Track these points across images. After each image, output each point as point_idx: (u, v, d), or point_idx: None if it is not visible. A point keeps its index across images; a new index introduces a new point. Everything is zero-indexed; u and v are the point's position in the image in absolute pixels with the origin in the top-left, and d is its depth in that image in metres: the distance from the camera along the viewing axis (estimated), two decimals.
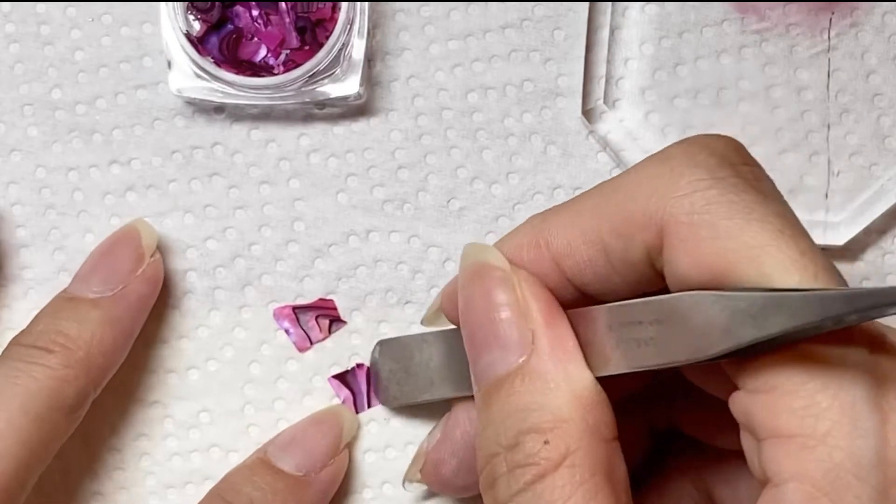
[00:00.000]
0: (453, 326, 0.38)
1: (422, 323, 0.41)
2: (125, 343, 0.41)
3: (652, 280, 0.33)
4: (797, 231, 0.30)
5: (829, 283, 0.29)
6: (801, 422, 0.29)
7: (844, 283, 0.31)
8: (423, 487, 0.41)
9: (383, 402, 0.43)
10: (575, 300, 0.34)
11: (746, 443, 0.31)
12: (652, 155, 0.33)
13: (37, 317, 0.40)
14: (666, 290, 0.32)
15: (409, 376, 0.41)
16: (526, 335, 0.33)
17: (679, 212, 0.31)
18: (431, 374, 0.40)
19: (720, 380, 0.32)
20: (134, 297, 0.41)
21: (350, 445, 0.43)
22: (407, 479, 0.41)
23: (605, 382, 0.33)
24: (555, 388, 0.32)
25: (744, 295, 0.29)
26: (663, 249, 0.32)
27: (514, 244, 0.35)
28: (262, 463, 0.41)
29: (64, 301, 0.40)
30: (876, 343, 0.29)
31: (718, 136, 0.33)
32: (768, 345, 0.29)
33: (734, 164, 0.32)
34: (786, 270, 0.29)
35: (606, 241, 0.33)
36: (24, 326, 0.41)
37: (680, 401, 0.37)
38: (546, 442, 0.31)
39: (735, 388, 0.31)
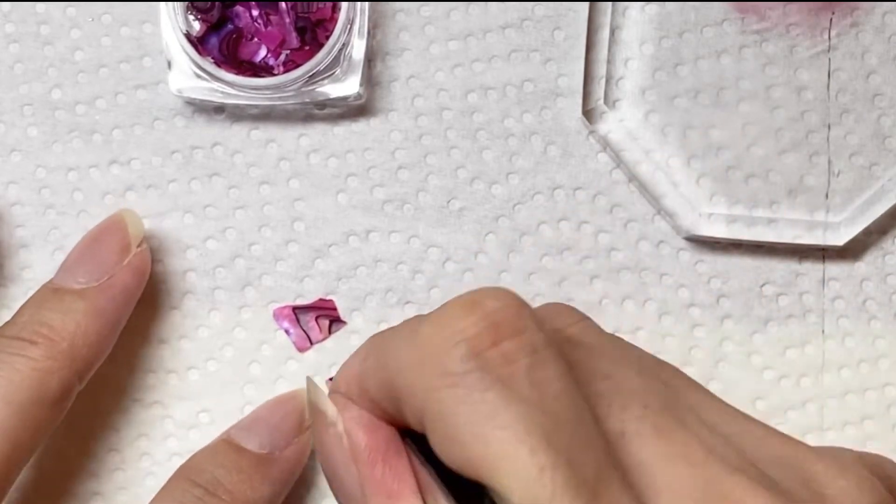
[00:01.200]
0: None
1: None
2: (111, 334, 0.40)
3: None
4: (540, 437, 0.28)
5: (567, 503, 0.28)
6: None
7: (594, 495, 0.28)
8: None
9: None
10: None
11: None
12: (410, 327, 0.31)
13: (21, 308, 0.40)
14: None
15: None
16: (357, 485, 0.32)
17: (429, 410, 0.29)
18: None
19: None
20: (120, 288, 0.40)
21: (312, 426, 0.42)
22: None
23: None
24: None
25: None
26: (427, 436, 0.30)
27: (353, 373, 0.33)
28: (225, 443, 0.41)
29: (49, 292, 0.40)
30: None
31: (474, 305, 0.30)
32: None
33: (482, 350, 0.29)
34: (525, 488, 0.28)
35: (396, 408, 0.32)
36: None
37: None
38: None
39: None
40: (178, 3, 0.42)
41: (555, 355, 0.30)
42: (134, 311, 0.43)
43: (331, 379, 0.43)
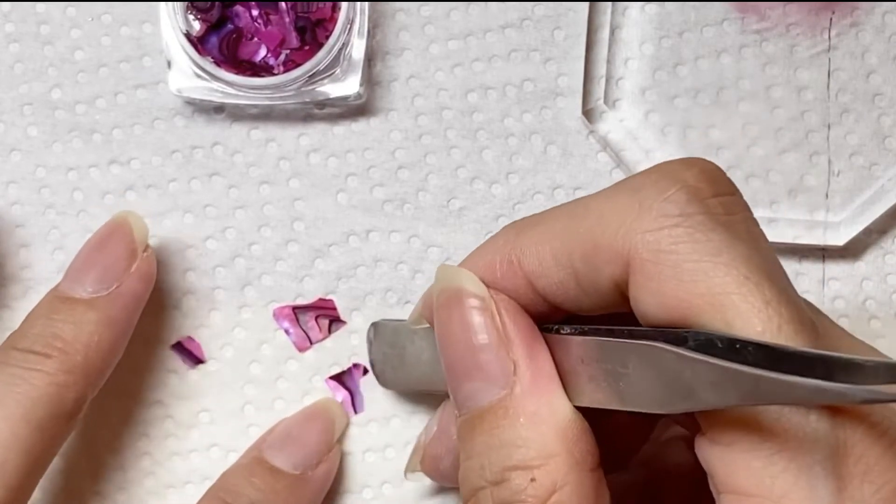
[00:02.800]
0: None
1: (407, 324, 0.41)
2: (122, 343, 0.40)
3: (623, 304, 0.32)
4: (763, 277, 0.29)
5: (793, 336, 0.29)
6: (759, 483, 0.28)
7: (813, 331, 0.30)
8: (424, 478, 0.41)
9: (381, 384, 0.42)
10: (550, 313, 0.34)
11: (713, 490, 0.30)
12: (623, 182, 0.33)
13: (30, 317, 0.40)
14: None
15: (404, 364, 0.41)
16: (507, 366, 0.32)
17: (644, 249, 0.30)
18: (423, 367, 0.39)
19: None
20: (129, 296, 0.40)
21: (341, 440, 0.43)
22: (408, 469, 0.41)
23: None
24: (539, 422, 0.31)
25: (704, 363, 0.28)
26: (629, 285, 0.31)
27: (487, 260, 0.34)
28: (258, 462, 0.41)
29: (58, 301, 0.39)
30: (839, 409, 0.29)
31: (691, 163, 0.32)
32: None
33: (704, 198, 0.31)
34: (748, 321, 0.29)
35: (576, 267, 0.32)
36: None
37: None
38: (533, 479, 0.31)
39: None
40: (178, 2, 0.42)
41: (755, 218, 0.32)
42: None
43: (331, 378, 0.43)
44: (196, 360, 0.43)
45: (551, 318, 0.34)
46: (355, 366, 0.43)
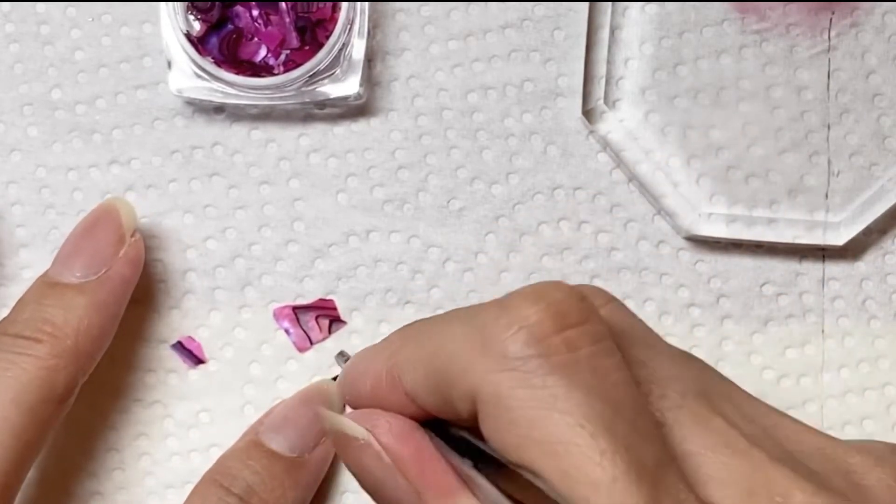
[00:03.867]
0: None
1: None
2: (112, 327, 0.40)
3: None
4: (600, 425, 0.28)
5: (629, 487, 0.28)
6: None
7: (653, 480, 0.29)
8: None
9: None
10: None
11: None
12: (470, 312, 0.31)
13: (20, 304, 0.40)
14: None
15: None
16: (411, 495, 0.32)
17: (485, 393, 0.29)
18: None
19: None
20: (118, 280, 0.40)
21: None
22: None
23: None
24: None
25: None
26: (479, 423, 0.30)
27: (375, 372, 0.33)
28: (255, 445, 0.41)
29: (47, 286, 0.40)
30: None
31: (538, 296, 0.30)
32: None
33: (544, 337, 0.29)
34: (583, 471, 0.28)
35: (441, 394, 0.31)
36: None
37: None
38: None
39: None
40: (178, 3, 0.42)
41: (614, 346, 0.30)
42: (134, 310, 0.43)
43: (333, 379, 0.43)
44: (196, 360, 0.43)
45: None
46: None
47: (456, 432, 0.32)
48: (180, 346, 0.43)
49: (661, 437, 0.29)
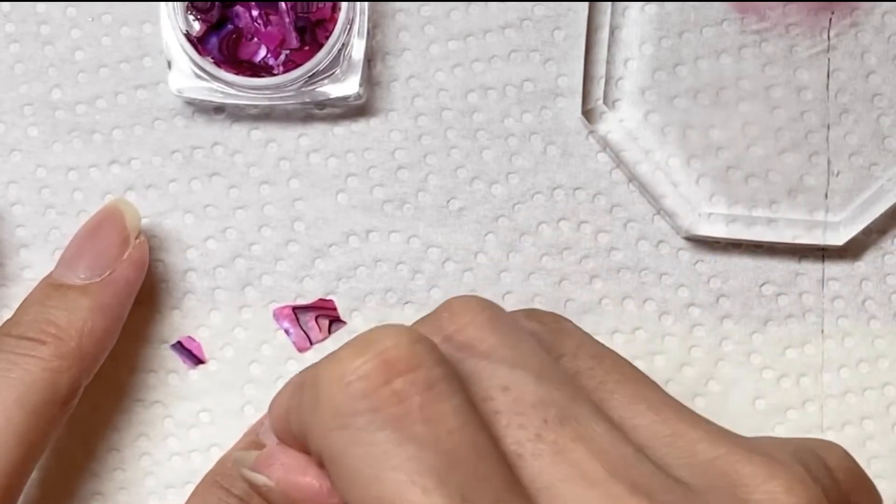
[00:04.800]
0: None
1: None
2: (115, 329, 0.40)
3: None
4: (433, 479, 0.27)
5: None
6: None
7: None
8: None
9: None
10: None
11: None
12: (309, 369, 0.31)
13: (24, 305, 0.40)
14: None
15: None
16: None
17: (325, 450, 0.29)
18: None
19: None
20: (122, 283, 0.40)
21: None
22: None
23: None
24: None
25: None
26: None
27: (282, 412, 0.33)
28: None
29: (51, 288, 0.40)
30: None
31: (364, 347, 0.29)
32: None
33: (374, 390, 0.28)
34: None
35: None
36: None
37: None
38: None
39: None
40: (178, 3, 0.42)
41: (452, 389, 0.29)
42: (135, 311, 0.43)
43: None
44: (196, 360, 0.43)
45: None
46: None
47: None
48: (180, 347, 0.43)
49: (506, 476, 0.28)
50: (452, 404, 0.28)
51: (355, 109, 0.44)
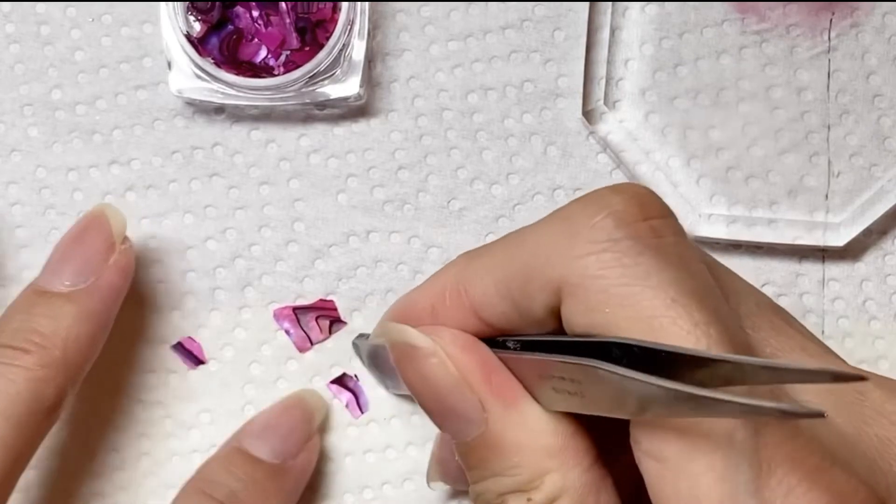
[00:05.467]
0: None
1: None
2: (101, 336, 0.39)
3: (559, 329, 0.33)
4: (692, 299, 0.29)
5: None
6: (685, 500, 0.29)
7: (745, 351, 0.30)
8: (447, 486, 0.41)
9: (385, 389, 0.43)
10: (495, 336, 0.34)
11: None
12: (555, 211, 0.33)
13: (8, 313, 0.39)
14: None
15: (390, 377, 0.41)
16: (475, 405, 0.33)
17: (574, 275, 0.30)
18: None
19: None
20: (107, 289, 0.39)
21: (321, 429, 0.43)
22: (429, 479, 0.41)
23: None
24: (522, 448, 0.32)
25: (650, 385, 0.28)
26: (561, 310, 0.31)
27: (438, 289, 0.35)
28: (238, 452, 0.40)
29: (36, 295, 0.39)
30: (764, 430, 0.29)
31: (622, 189, 0.32)
32: None
33: (632, 222, 0.31)
34: (677, 341, 0.29)
35: (514, 298, 0.33)
36: None
37: None
38: (529, 500, 0.31)
39: None
40: (179, 3, 0.41)
41: (692, 242, 0.32)
42: (135, 311, 0.43)
43: (332, 382, 0.43)
44: (196, 360, 0.43)
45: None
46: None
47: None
48: (181, 347, 0.43)
49: (742, 327, 0.31)
50: (697, 253, 0.32)
51: (355, 110, 0.44)
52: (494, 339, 0.34)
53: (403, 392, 0.42)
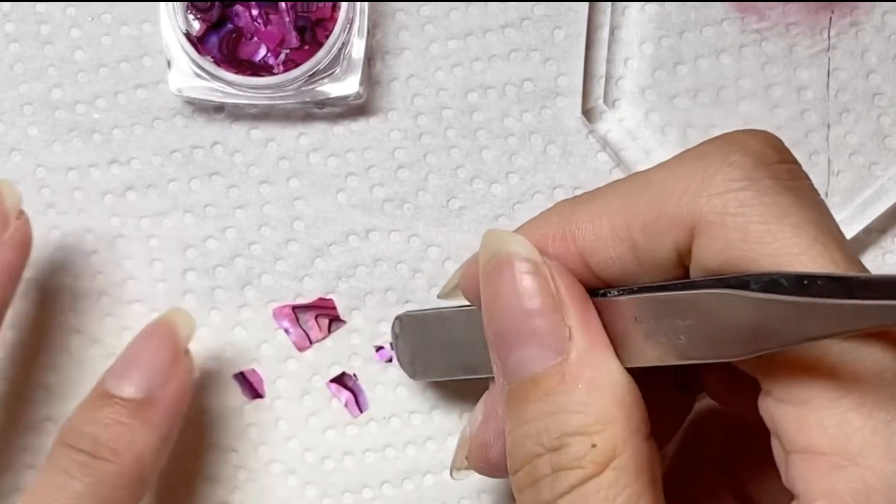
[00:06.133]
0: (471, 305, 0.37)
1: (438, 297, 0.40)
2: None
3: (679, 277, 0.32)
4: (832, 239, 0.29)
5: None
6: (833, 440, 0.28)
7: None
8: (472, 475, 0.39)
9: (411, 377, 0.42)
10: (598, 288, 0.33)
11: (776, 450, 0.30)
12: (686, 151, 0.32)
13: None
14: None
15: (436, 352, 0.40)
16: (563, 331, 0.31)
17: (711, 212, 0.30)
18: (457, 352, 0.39)
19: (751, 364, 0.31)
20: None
21: (189, 352, 0.41)
22: (454, 467, 0.40)
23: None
24: (597, 388, 0.31)
25: (774, 301, 0.28)
26: (692, 249, 0.31)
27: (540, 234, 0.34)
28: (101, 395, 0.39)
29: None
30: None
31: (756, 132, 0.32)
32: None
33: (770, 163, 0.31)
34: None
35: (636, 238, 0.32)
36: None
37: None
38: (594, 445, 0.30)
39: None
40: (178, 2, 0.42)
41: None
42: (134, 310, 0.43)
43: (331, 381, 0.43)
44: (255, 393, 0.43)
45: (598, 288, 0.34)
46: (378, 349, 0.43)
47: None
48: (242, 378, 0.43)
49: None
50: (823, 200, 0.31)
51: (355, 109, 0.44)
52: (594, 290, 0.33)
53: (433, 378, 0.41)
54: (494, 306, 0.33)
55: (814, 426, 0.28)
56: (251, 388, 0.43)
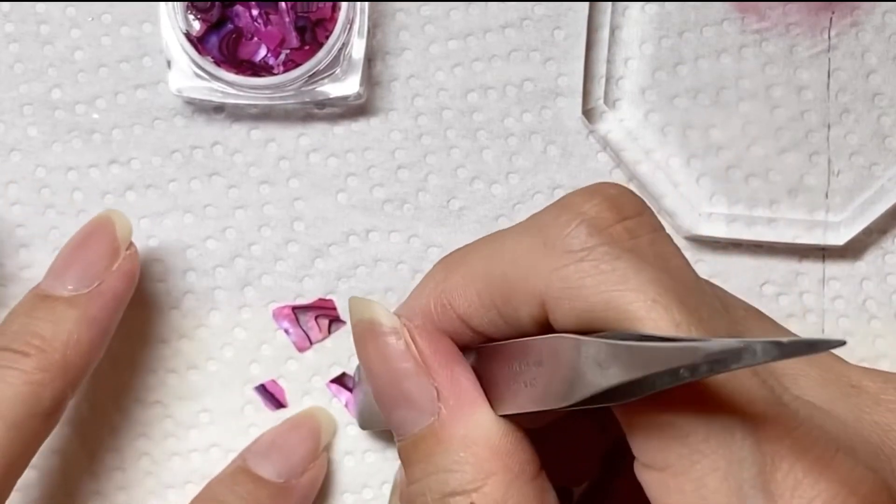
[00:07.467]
0: None
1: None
2: (102, 342, 0.39)
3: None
4: (672, 298, 0.29)
5: None
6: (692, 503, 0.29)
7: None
8: None
9: (360, 426, 0.42)
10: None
11: None
12: (529, 220, 0.33)
13: (10, 316, 0.39)
14: None
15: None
16: (430, 392, 0.32)
17: (555, 288, 0.30)
18: None
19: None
20: (110, 295, 0.39)
21: (328, 448, 0.43)
22: None
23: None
24: (471, 444, 0.32)
25: (592, 342, 0.28)
26: (549, 319, 0.31)
27: (423, 304, 0.34)
28: (242, 471, 0.40)
29: (38, 299, 0.39)
30: (764, 425, 0.29)
31: (592, 192, 0.32)
32: (649, 389, 0.28)
33: (606, 227, 0.31)
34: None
35: (498, 307, 0.32)
36: None
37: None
38: (472, 503, 0.31)
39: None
40: (178, 2, 0.41)
41: (669, 236, 0.32)
42: (134, 310, 0.43)
43: (332, 381, 0.43)
44: (278, 404, 0.43)
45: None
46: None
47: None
48: (263, 390, 0.43)
49: (729, 319, 0.31)
50: (674, 248, 0.32)
51: (355, 109, 0.44)
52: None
53: (379, 428, 0.42)
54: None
55: (674, 491, 0.29)
56: (273, 399, 0.43)
